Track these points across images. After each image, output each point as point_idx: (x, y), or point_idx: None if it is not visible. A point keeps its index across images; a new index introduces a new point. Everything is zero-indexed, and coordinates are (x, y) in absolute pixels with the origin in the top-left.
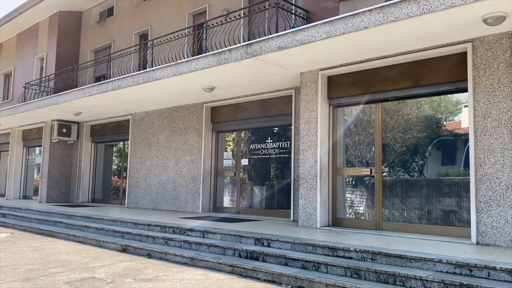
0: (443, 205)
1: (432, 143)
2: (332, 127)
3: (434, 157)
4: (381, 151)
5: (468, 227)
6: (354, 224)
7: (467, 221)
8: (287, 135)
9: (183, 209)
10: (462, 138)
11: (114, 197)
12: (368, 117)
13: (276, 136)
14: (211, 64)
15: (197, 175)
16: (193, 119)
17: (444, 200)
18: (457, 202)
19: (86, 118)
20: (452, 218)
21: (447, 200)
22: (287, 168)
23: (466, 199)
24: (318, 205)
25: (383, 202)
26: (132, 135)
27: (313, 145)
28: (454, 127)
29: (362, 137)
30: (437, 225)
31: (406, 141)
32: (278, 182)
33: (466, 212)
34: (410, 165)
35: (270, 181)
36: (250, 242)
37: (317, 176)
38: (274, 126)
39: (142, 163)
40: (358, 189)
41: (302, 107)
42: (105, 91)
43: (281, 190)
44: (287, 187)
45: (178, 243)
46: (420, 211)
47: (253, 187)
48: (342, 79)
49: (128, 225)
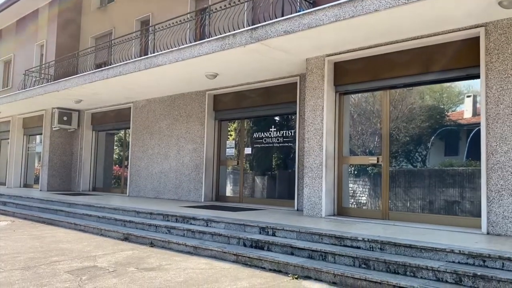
0: (451, 195)
1: (436, 133)
2: (338, 114)
3: (438, 147)
4: (388, 140)
5: (478, 217)
6: (359, 213)
7: (477, 211)
8: (291, 124)
9: (186, 198)
10: (465, 129)
11: (116, 186)
12: (375, 105)
13: (280, 124)
14: (215, 49)
15: (200, 164)
16: (195, 107)
17: (451, 190)
18: (464, 192)
19: (87, 106)
20: (460, 208)
21: (455, 190)
22: (291, 157)
23: (474, 189)
24: (323, 194)
25: (390, 191)
26: (133, 123)
27: (318, 133)
28: (457, 117)
29: (368, 125)
30: (445, 215)
31: (410, 131)
32: (282, 171)
33: (475, 202)
34: (414, 155)
35: (273, 170)
36: (254, 231)
37: (323, 164)
38: (278, 114)
39: (144, 152)
40: (363, 178)
41: (308, 94)
42: (106, 78)
43: (285, 179)
44: (291, 176)
45: (181, 232)
46: (427, 201)
47: (256, 176)
48: (349, 65)
49: (130, 213)
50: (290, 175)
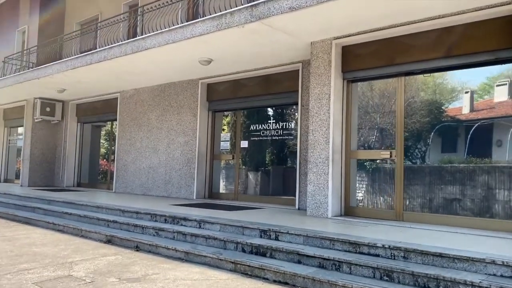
0: (477, 194)
1: (435, 129)
2: (346, 104)
3: (461, 143)
4: (402, 132)
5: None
6: (369, 214)
7: (508, 213)
8: (292, 115)
9: (176, 195)
10: (463, 125)
11: (102, 182)
12: (387, 93)
13: (279, 116)
14: (210, 29)
15: (192, 158)
16: (187, 97)
17: (478, 189)
18: (495, 191)
19: (71, 96)
20: (490, 209)
21: (482, 189)
22: (292, 151)
23: (498, 188)
24: (329, 192)
25: (405, 189)
26: (120, 114)
27: (324, 125)
28: (455, 113)
29: (378, 116)
30: (471, 217)
31: (423, 122)
32: (281, 166)
33: (505, 202)
34: (431, 149)
35: (271, 166)
36: (254, 234)
37: (329, 159)
38: (278, 104)
39: (131, 145)
40: (373, 174)
41: (313, 81)
42: (90, 64)
43: (285, 175)
44: (291, 172)
45: (171, 234)
46: (448, 200)
47: (253, 172)
48: (359, 49)
49: (114, 212)
50: (290, 171)
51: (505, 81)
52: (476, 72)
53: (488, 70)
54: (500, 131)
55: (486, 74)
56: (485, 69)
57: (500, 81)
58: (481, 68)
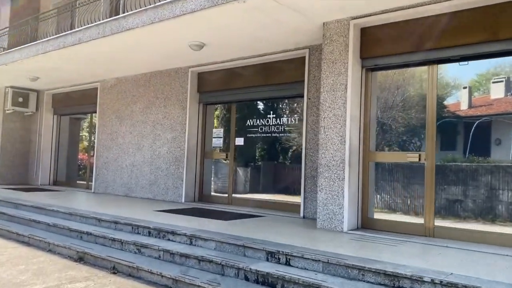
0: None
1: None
2: (364, 96)
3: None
4: (435, 131)
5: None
6: (391, 227)
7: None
8: (296, 109)
9: (162, 197)
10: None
11: (81, 179)
12: (414, 84)
13: (281, 109)
14: (204, 5)
15: (180, 156)
16: (175, 87)
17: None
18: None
19: (46, 85)
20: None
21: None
22: (295, 150)
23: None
24: (345, 201)
25: (437, 199)
26: (100, 106)
27: (339, 121)
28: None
29: (403, 111)
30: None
31: None
32: (282, 168)
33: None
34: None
35: (271, 167)
36: (259, 257)
37: (345, 162)
38: (280, 97)
39: (113, 140)
40: (394, 180)
41: (325, 69)
42: (63, 47)
43: (287, 178)
44: (294, 174)
45: (156, 253)
46: (493, 212)
47: (250, 173)
48: (381, 31)
49: (89, 221)
50: (293, 173)
51: (501, 78)
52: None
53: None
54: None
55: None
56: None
57: (496, 78)
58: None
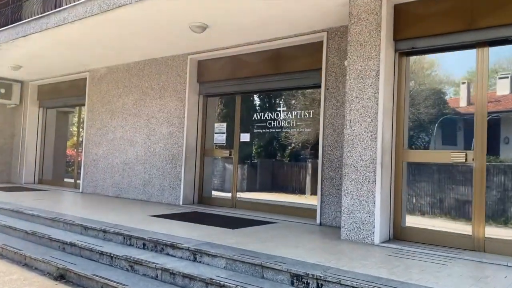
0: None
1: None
2: (397, 85)
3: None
4: (485, 127)
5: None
6: (431, 239)
7: None
8: (310, 100)
9: (157, 199)
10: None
11: (69, 178)
12: (454, 71)
13: (292, 101)
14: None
15: (178, 153)
16: (172, 77)
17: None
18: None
19: (30, 75)
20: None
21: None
22: (309, 147)
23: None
24: (377, 209)
25: (487, 207)
26: (89, 98)
27: (369, 114)
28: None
29: (442, 103)
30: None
31: None
32: (293, 167)
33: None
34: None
35: (281, 165)
36: (282, 280)
37: (376, 162)
38: (292, 87)
39: (103, 136)
40: (430, 182)
41: (352, 53)
42: (46, 29)
43: (299, 179)
44: (308, 175)
45: (152, 272)
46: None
47: (256, 173)
48: (419, 8)
49: (74, 229)
50: (307, 174)
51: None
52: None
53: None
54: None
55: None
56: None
57: (502, 73)
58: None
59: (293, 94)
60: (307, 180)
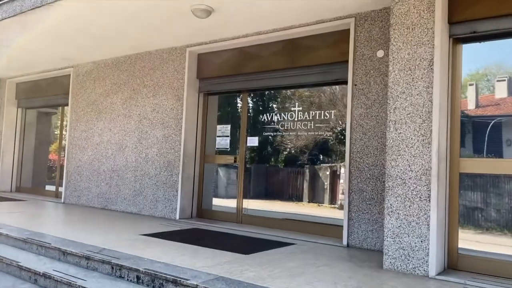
0: None
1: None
2: (452, 78)
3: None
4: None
5: None
6: (498, 271)
7: None
8: (333, 98)
9: (150, 211)
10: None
11: (51, 185)
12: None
13: (311, 99)
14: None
15: (174, 159)
16: (168, 72)
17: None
18: None
19: (7, 71)
20: None
21: None
22: (333, 153)
23: None
24: (431, 232)
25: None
26: (73, 97)
27: (420, 114)
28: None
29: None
30: None
31: None
32: (311, 177)
33: None
34: None
35: (295, 175)
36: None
37: (431, 173)
38: (311, 83)
39: (88, 139)
40: (485, 197)
41: (396, 38)
42: (20, 12)
43: (318, 191)
44: (330, 186)
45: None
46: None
47: (267, 182)
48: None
49: (50, 253)
50: (327, 185)
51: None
52: None
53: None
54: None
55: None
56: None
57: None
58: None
59: (310, 91)
60: (326, 191)
